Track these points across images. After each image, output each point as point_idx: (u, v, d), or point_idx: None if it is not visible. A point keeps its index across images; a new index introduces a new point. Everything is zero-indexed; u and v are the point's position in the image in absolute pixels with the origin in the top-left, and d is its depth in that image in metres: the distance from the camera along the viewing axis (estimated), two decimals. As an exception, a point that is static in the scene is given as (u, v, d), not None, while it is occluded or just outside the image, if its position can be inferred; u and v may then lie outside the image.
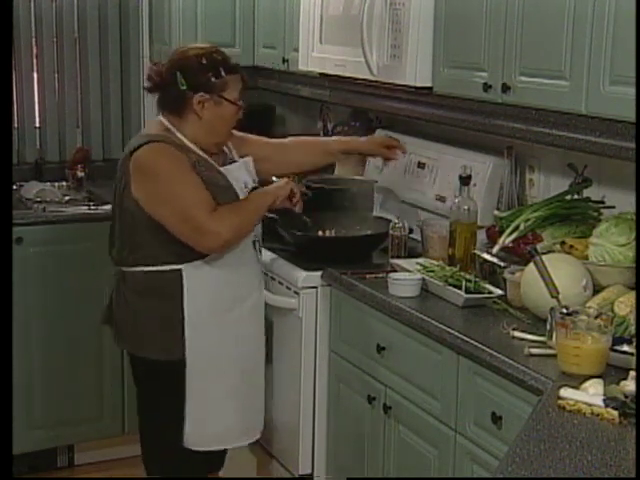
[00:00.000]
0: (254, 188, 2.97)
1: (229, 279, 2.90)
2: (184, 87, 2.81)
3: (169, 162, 2.77)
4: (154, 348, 2.86)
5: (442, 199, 3.38)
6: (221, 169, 2.89)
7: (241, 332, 2.95)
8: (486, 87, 2.81)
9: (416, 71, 3.07)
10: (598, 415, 2.00)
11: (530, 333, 2.49)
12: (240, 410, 2.99)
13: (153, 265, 2.82)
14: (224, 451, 3.07)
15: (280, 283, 3.25)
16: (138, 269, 2.85)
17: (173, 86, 2.83)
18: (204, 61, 2.83)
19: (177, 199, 2.76)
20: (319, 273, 3.14)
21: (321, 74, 3.67)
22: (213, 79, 2.82)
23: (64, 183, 4.45)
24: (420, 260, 3.05)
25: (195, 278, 2.83)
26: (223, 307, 2.91)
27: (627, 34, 2.31)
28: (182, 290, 2.82)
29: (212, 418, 2.93)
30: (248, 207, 2.91)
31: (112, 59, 4.59)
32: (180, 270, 2.81)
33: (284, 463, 3.35)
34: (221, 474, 3.15)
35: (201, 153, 2.85)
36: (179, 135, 2.84)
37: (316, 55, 3.60)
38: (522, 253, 2.79)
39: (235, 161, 2.99)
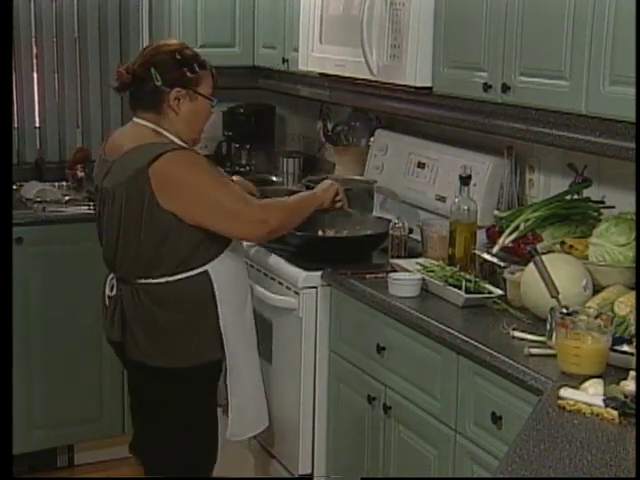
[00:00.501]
0: None
1: (240, 268, 2.94)
2: (159, 83, 2.77)
3: (196, 168, 2.74)
4: (190, 355, 2.82)
5: (442, 199, 3.39)
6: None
7: (250, 319, 2.99)
8: (486, 87, 2.81)
9: (416, 71, 3.07)
10: (598, 415, 2.00)
11: (530, 333, 2.49)
12: (261, 394, 3.05)
13: (182, 272, 2.78)
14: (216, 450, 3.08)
15: (280, 283, 3.25)
16: (163, 280, 2.78)
17: (147, 83, 2.79)
18: (178, 56, 2.81)
19: (218, 200, 2.74)
20: (319, 273, 3.14)
21: (321, 74, 3.67)
22: (188, 74, 2.80)
23: (64, 183, 4.45)
24: (420, 260, 3.05)
25: (221, 275, 2.82)
26: (242, 297, 2.94)
27: (627, 34, 2.31)
28: (213, 290, 2.81)
29: (248, 407, 2.98)
30: (298, 204, 3.01)
31: (112, 59, 4.59)
32: (207, 272, 2.80)
33: (284, 463, 3.34)
34: (220, 474, 3.14)
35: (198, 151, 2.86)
36: (167, 134, 2.80)
37: (316, 55, 3.60)
38: (522, 253, 2.79)
39: None
